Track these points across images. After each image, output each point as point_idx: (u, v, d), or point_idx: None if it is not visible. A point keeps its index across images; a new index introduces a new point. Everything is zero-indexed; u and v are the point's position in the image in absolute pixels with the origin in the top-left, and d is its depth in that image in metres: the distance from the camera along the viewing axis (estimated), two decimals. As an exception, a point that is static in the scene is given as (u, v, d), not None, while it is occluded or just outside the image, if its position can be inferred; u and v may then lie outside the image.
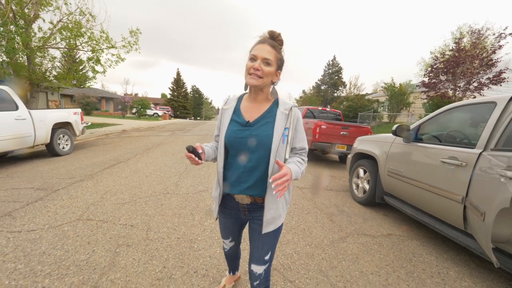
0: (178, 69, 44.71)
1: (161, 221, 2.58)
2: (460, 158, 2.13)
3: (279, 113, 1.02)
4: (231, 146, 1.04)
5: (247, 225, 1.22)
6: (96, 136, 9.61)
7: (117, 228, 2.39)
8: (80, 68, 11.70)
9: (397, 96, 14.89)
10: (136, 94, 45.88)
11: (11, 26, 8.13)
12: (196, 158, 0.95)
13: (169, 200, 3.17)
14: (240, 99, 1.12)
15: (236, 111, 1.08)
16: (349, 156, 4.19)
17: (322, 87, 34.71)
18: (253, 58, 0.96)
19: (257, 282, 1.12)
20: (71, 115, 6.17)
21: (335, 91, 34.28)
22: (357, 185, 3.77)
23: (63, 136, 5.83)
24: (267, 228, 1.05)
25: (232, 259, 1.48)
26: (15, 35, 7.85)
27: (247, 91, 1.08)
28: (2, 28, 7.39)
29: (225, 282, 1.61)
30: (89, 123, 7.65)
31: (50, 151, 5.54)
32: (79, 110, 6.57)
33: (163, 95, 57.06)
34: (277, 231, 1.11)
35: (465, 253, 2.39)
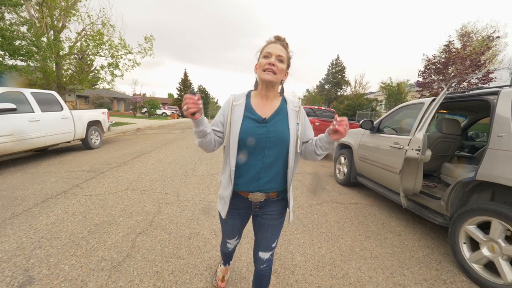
0: (185, 69, 46.03)
1: (186, 191, 3.52)
2: (400, 143, 2.99)
3: (290, 110, 1.07)
4: (247, 143, 1.01)
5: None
6: (115, 134, 10.69)
7: (156, 194, 3.34)
8: (97, 71, 12.85)
9: (395, 95, 15.58)
10: (144, 95, 47.33)
11: (43, 38, 9.24)
12: (198, 101, 0.88)
13: (190, 179, 4.12)
14: (248, 96, 1.10)
15: (248, 107, 1.06)
16: (335, 146, 5.05)
17: (326, 86, 35.30)
18: (267, 56, 0.99)
19: (264, 265, 1.20)
20: (100, 114, 7.21)
21: (339, 90, 34.81)
22: (339, 170, 4.64)
23: (94, 132, 6.87)
24: (292, 216, 1.18)
25: (230, 254, 1.50)
26: (48, 45, 8.94)
27: (255, 89, 1.11)
28: (35, 40, 8.40)
29: (223, 273, 1.65)
30: (113, 122, 8.67)
31: (84, 145, 6.58)
32: (106, 110, 7.60)
33: (170, 95, 58.46)
34: (283, 221, 1.19)
35: (409, 214, 3.25)
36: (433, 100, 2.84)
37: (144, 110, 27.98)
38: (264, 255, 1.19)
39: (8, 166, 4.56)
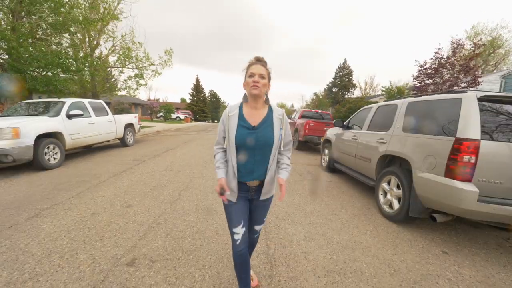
0: (197, 75, 48.07)
1: (206, 172, 4.92)
2: (356, 136, 4.25)
3: (275, 118, 1.37)
4: (242, 146, 1.31)
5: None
6: (140, 135, 12.34)
7: (186, 173, 4.77)
8: (125, 81, 14.68)
9: (395, 98, 16.34)
10: (158, 100, 49.91)
11: (81, 54, 11.06)
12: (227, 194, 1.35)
13: (209, 165, 5.53)
14: (241, 107, 1.38)
15: (241, 117, 1.34)
16: (321, 141, 6.33)
17: (333, 90, 36.24)
18: (251, 75, 1.28)
19: (257, 235, 1.64)
20: (133, 118, 8.82)
21: (346, 93, 35.63)
22: (324, 159, 5.91)
23: (129, 133, 8.47)
24: (264, 196, 1.43)
25: (244, 262, 1.44)
26: (91, 62, 10.74)
27: (245, 100, 1.39)
28: (83, 59, 10.10)
29: None
30: (141, 124, 10.29)
31: (122, 143, 8.17)
32: (136, 115, 9.23)
33: (183, 100, 61.00)
34: (270, 202, 1.52)
35: (364, 186, 4.47)
36: (380, 106, 4.11)
37: (160, 114, 30.08)
38: (258, 227, 1.59)
39: (73, 158, 6.16)
